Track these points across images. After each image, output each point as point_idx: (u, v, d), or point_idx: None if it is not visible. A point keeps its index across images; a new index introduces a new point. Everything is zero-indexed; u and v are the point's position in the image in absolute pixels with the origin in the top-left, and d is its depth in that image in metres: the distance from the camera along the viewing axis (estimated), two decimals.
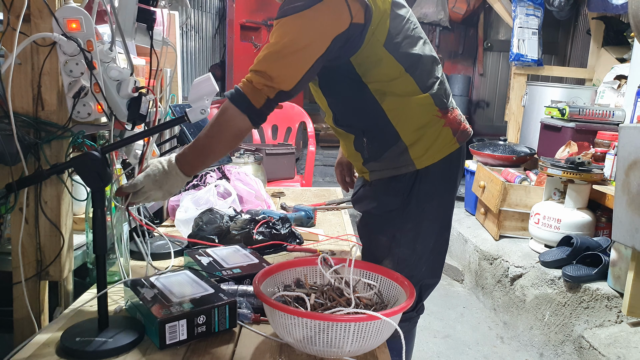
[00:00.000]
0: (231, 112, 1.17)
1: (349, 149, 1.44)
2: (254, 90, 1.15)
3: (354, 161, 1.46)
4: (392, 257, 1.42)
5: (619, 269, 2.17)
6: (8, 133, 1.02)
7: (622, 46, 3.57)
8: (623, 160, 1.95)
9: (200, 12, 4.72)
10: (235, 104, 1.16)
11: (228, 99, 1.17)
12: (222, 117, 1.17)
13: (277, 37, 1.16)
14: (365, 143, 1.37)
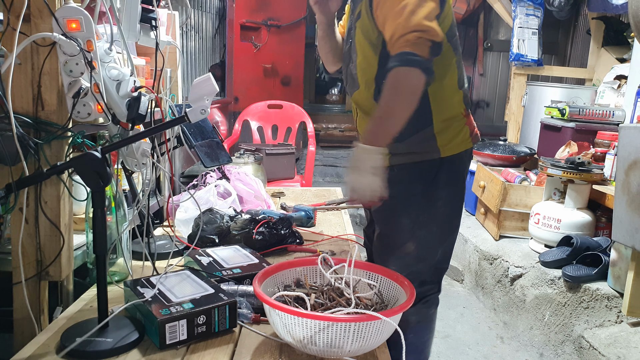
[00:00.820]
0: (402, 72, 1.25)
1: None
2: (414, 45, 1.24)
3: None
4: (414, 240, 1.50)
5: (619, 269, 2.17)
6: (8, 133, 1.02)
7: (622, 46, 3.57)
8: (623, 160, 1.95)
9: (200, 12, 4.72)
10: (403, 64, 1.24)
11: (396, 66, 1.25)
12: (395, 81, 1.26)
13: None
14: None
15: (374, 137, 1.31)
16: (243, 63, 5.19)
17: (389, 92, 1.29)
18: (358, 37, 1.45)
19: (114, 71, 1.08)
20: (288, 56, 5.52)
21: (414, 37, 1.25)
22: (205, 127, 1.57)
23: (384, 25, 1.33)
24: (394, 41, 1.27)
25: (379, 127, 1.31)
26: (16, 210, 1.10)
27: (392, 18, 1.28)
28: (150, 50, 1.33)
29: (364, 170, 1.29)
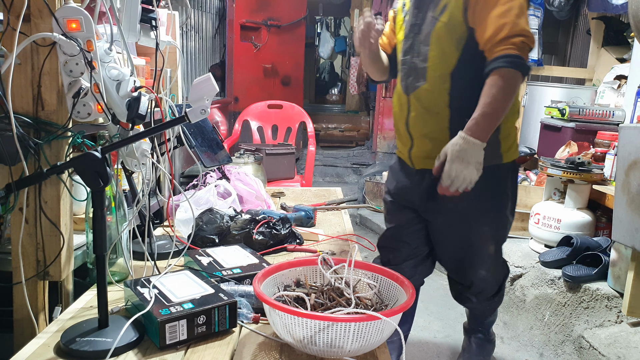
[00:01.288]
0: (511, 74, 1.37)
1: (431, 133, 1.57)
2: (520, 49, 1.37)
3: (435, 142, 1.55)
4: (495, 242, 1.67)
5: (619, 269, 2.17)
6: (8, 133, 1.02)
7: (622, 46, 3.57)
8: (623, 160, 1.95)
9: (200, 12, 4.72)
10: (512, 67, 1.37)
11: (505, 66, 1.37)
12: (504, 82, 1.38)
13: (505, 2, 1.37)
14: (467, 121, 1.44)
15: (482, 131, 1.39)
16: (243, 63, 5.19)
17: (498, 91, 1.38)
18: (438, 31, 1.50)
19: (114, 71, 1.08)
20: (288, 56, 5.52)
21: (520, 41, 1.36)
22: (205, 127, 1.57)
23: (481, 22, 1.41)
24: (498, 40, 1.37)
25: (487, 123, 1.40)
26: (16, 210, 1.10)
27: (497, 17, 1.37)
28: (150, 50, 1.33)
29: (469, 162, 1.38)
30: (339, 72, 9.29)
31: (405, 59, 1.61)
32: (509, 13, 1.37)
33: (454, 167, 1.39)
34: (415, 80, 1.56)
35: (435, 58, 1.51)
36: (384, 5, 5.17)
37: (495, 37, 1.39)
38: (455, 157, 1.39)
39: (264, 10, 5.25)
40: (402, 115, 1.64)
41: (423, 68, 1.54)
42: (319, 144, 6.14)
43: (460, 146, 1.39)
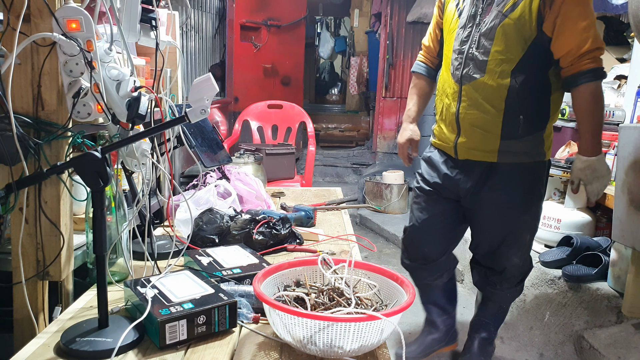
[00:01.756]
0: (599, 88, 1.56)
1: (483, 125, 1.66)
2: (600, 61, 1.54)
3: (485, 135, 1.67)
4: (531, 231, 1.84)
5: (619, 269, 2.16)
6: (8, 133, 1.02)
7: (622, 46, 3.57)
8: (623, 160, 1.95)
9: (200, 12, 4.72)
10: (595, 79, 1.54)
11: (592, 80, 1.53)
12: (594, 95, 1.55)
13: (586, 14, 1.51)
14: (522, 121, 1.62)
15: (599, 147, 1.60)
16: (243, 63, 5.19)
17: (597, 106, 1.56)
18: (506, 28, 1.57)
19: (114, 71, 1.08)
20: (288, 56, 5.52)
21: (599, 55, 1.53)
22: (205, 127, 1.57)
23: (562, 33, 1.53)
24: (582, 53, 1.51)
25: (597, 138, 1.59)
26: (16, 210, 1.10)
27: (578, 32, 1.50)
28: (150, 50, 1.33)
29: (603, 175, 1.59)
30: (339, 72, 9.29)
31: (461, 48, 1.68)
32: (591, 27, 1.51)
33: (595, 186, 1.61)
34: (473, 72, 1.64)
35: (499, 54, 1.59)
36: (384, 6, 5.17)
37: (579, 50, 1.52)
38: (593, 179, 1.60)
39: (264, 10, 5.25)
40: (452, 103, 1.72)
41: (483, 61, 1.61)
42: (319, 144, 6.14)
43: (591, 168, 1.59)
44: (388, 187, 4.35)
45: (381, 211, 4.37)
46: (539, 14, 1.53)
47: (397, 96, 5.25)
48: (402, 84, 5.20)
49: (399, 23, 5.09)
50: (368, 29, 6.25)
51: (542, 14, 1.52)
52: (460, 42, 1.68)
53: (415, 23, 5.01)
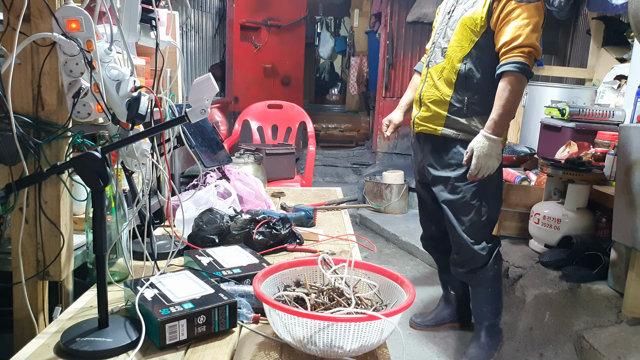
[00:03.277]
0: (519, 78, 1.75)
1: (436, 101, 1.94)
2: (528, 57, 1.74)
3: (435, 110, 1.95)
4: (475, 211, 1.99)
5: (619, 269, 2.16)
6: (8, 133, 1.02)
7: (622, 46, 3.57)
8: (623, 160, 1.95)
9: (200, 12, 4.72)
10: (522, 72, 1.73)
11: (516, 71, 1.73)
12: (511, 83, 1.75)
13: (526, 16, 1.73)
14: (467, 102, 1.88)
15: (499, 128, 1.78)
16: (243, 63, 5.19)
17: (510, 94, 1.76)
18: (464, 19, 1.85)
19: (114, 71, 1.08)
20: (288, 56, 5.52)
21: (528, 51, 1.73)
22: (205, 127, 1.57)
23: (501, 29, 1.77)
24: (513, 46, 1.74)
25: (503, 121, 1.78)
26: (16, 210, 1.10)
27: (516, 27, 1.73)
28: (150, 50, 1.33)
29: (491, 155, 1.79)
30: (339, 72, 9.29)
31: (435, 37, 2.01)
32: (527, 27, 1.72)
33: (480, 161, 1.79)
34: (436, 57, 1.95)
35: (455, 42, 1.88)
36: (384, 6, 5.17)
37: (510, 44, 1.75)
38: (480, 153, 1.78)
39: (264, 10, 5.25)
40: (420, 85, 2.04)
41: (444, 48, 1.92)
42: (319, 144, 6.14)
43: (483, 143, 1.78)
44: (388, 187, 4.35)
45: (381, 211, 4.37)
46: (489, 10, 1.79)
47: (397, 96, 5.24)
48: (402, 84, 5.20)
49: (399, 23, 5.09)
50: (368, 29, 6.25)
51: (492, 10, 1.78)
52: (436, 33, 2.01)
53: (415, 23, 5.01)
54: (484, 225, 2.01)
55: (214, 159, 1.55)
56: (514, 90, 1.75)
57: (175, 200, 1.69)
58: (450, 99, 1.90)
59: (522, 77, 1.75)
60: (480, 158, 1.79)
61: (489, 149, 1.78)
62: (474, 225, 1.99)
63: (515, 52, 1.74)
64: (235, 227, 1.45)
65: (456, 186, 1.96)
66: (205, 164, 1.47)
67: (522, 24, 1.73)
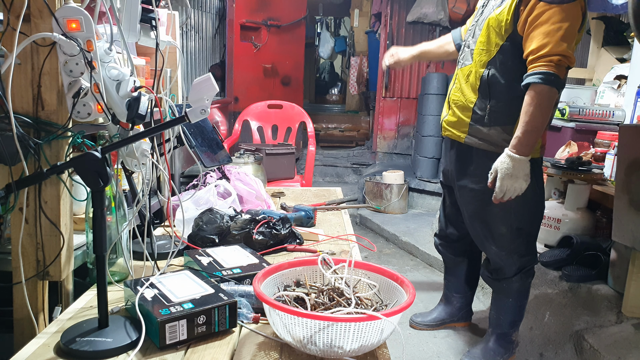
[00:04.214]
0: (546, 91, 1.56)
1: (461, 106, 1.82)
2: (557, 67, 1.55)
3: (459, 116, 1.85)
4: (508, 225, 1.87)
5: (619, 269, 2.16)
6: (8, 133, 1.02)
7: (622, 46, 3.57)
8: (623, 160, 1.95)
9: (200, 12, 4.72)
10: (548, 84, 1.55)
11: (542, 83, 1.55)
12: (538, 97, 1.57)
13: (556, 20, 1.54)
14: (489, 110, 1.74)
15: (525, 147, 1.61)
16: (243, 63, 5.19)
17: (535, 109, 1.58)
18: (491, 22, 1.71)
19: (114, 71, 1.08)
20: (288, 56, 5.52)
21: (557, 60, 1.55)
22: (205, 127, 1.57)
23: (529, 33, 1.59)
24: (539, 55, 1.56)
25: (529, 139, 1.61)
26: (16, 210, 1.10)
27: (544, 34, 1.55)
28: (150, 50, 1.33)
29: (517, 176, 1.63)
30: (339, 72, 9.29)
31: (466, 37, 1.90)
32: (556, 33, 1.54)
33: (504, 183, 1.65)
34: (465, 58, 1.83)
35: (481, 44, 1.75)
36: (384, 6, 5.17)
37: (537, 52, 1.57)
38: (505, 175, 1.64)
39: (264, 10, 5.25)
40: (450, 85, 1.93)
41: (472, 50, 1.79)
42: (319, 144, 6.14)
43: (507, 164, 1.63)
44: (388, 187, 4.35)
45: (381, 211, 4.37)
46: (516, 12, 1.63)
47: (397, 96, 5.25)
48: (402, 84, 5.20)
49: (399, 23, 5.09)
50: (368, 29, 6.25)
51: (519, 12, 1.63)
52: (468, 32, 1.89)
53: (415, 23, 5.01)
54: (516, 237, 1.88)
55: (214, 159, 1.55)
56: (540, 104, 1.58)
57: (175, 200, 1.69)
58: (473, 105, 1.78)
59: (549, 90, 1.57)
60: (504, 180, 1.64)
61: (514, 170, 1.63)
62: (504, 237, 1.88)
63: (543, 62, 1.56)
64: (235, 227, 1.45)
65: (483, 199, 1.83)
66: (205, 164, 1.47)
67: (552, 30, 1.54)
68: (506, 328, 2.07)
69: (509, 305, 2.02)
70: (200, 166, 1.44)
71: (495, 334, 2.09)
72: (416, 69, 5.10)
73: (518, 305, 2.03)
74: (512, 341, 2.11)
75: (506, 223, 1.85)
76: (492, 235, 1.90)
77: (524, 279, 1.97)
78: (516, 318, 2.06)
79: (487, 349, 2.10)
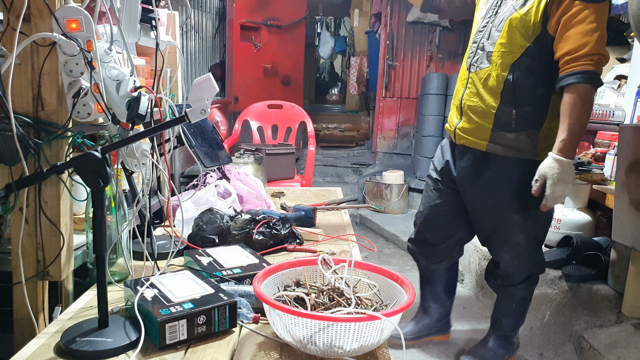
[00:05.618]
0: (589, 91, 1.52)
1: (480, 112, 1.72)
2: (597, 65, 1.51)
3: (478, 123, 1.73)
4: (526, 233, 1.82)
5: (619, 269, 2.16)
6: (8, 133, 1.02)
7: (622, 46, 3.56)
8: (623, 160, 1.95)
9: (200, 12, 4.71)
10: (591, 83, 1.52)
11: (586, 82, 1.51)
12: (581, 97, 1.52)
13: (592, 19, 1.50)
14: (514, 115, 1.66)
15: (571, 150, 1.55)
16: (243, 63, 5.19)
17: (581, 110, 1.53)
18: (513, 21, 1.62)
19: (114, 71, 1.08)
20: (288, 56, 5.52)
21: (597, 59, 1.51)
22: (205, 127, 1.57)
23: (563, 34, 1.54)
24: (579, 55, 1.51)
25: (575, 141, 1.55)
26: (16, 210, 1.10)
27: (582, 33, 1.51)
28: (150, 50, 1.33)
29: (568, 181, 1.56)
30: (339, 72, 9.29)
31: (476, 37, 1.76)
32: (594, 33, 1.50)
33: (557, 189, 1.56)
34: (480, 61, 1.72)
35: (502, 46, 1.65)
36: (384, 6, 5.17)
37: (576, 53, 1.52)
38: (557, 180, 1.55)
39: (264, 10, 5.25)
40: (460, 89, 1.81)
41: (489, 52, 1.69)
42: (319, 144, 6.14)
43: (558, 169, 1.55)
44: (388, 187, 4.35)
45: (381, 211, 4.37)
46: (545, 12, 1.56)
47: (397, 96, 5.25)
48: (402, 84, 5.20)
49: (399, 23, 5.09)
50: (368, 29, 6.25)
51: (549, 12, 1.56)
52: (477, 31, 1.77)
53: (415, 23, 5.01)
54: (530, 246, 1.85)
55: (214, 159, 1.55)
56: (585, 104, 1.52)
57: (175, 200, 1.69)
58: (496, 111, 1.68)
59: (592, 89, 1.53)
60: (557, 186, 1.55)
61: (564, 175, 1.55)
62: (520, 246, 1.83)
63: (583, 62, 1.51)
64: (235, 227, 1.45)
65: (508, 207, 1.76)
66: (205, 164, 1.47)
67: (589, 29, 1.49)
68: (508, 331, 2.06)
69: (512, 310, 2.01)
70: (200, 166, 1.44)
71: (495, 335, 2.09)
72: (416, 69, 5.10)
73: (521, 310, 2.01)
74: (512, 343, 2.10)
75: (524, 231, 1.80)
76: (508, 243, 1.84)
77: (529, 286, 1.95)
78: (518, 322, 2.05)
79: (487, 350, 2.09)
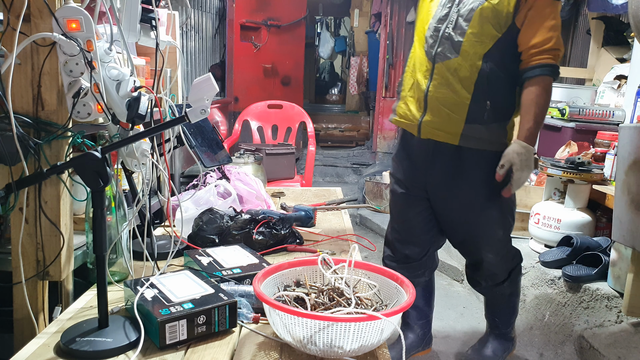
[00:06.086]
0: (549, 82, 1.61)
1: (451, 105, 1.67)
2: (557, 59, 1.61)
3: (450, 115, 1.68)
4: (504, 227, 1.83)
5: (619, 269, 2.17)
6: (8, 133, 1.02)
7: (622, 46, 3.57)
8: (623, 160, 1.95)
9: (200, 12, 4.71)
10: (551, 75, 1.60)
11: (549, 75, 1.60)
12: (546, 89, 1.61)
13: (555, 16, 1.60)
14: (488, 106, 1.65)
15: (534, 139, 1.62)
16: (243, 63, 5.19)
17: (545, 101, 1.61)
18: (484, 11, 1.61)
19: (114, 71, 1.08)
20: (288, 56, 5.53)
21: (557, 53, 1.61)
22: (205, 127, 1.57)
23: (530, 27, 1.59)
24: (545, 48, 1.58)
25: (538, 130, 1.62)
26: (16, 210, 1.10)
27: (548, 28, 1.58)
28: (150, 50, 1.33)
29: (531, 167, 1.62)
30: (339, 72, 9.29)
31: (438, 26, 1.69)
32: (556, 29, 1.60)
33: (524, 174, 1.60)
34: (447, 51, 1.66)
35: (473, 36, 1.62)
36: (384, 6, 5.17)
37: (542, 46, 1.58)
38: (525, 165, 1.59)
39: (264, 10, 5.25)
40: (423, 80, 1.72)
41: (458, 42, 1.64)
42: (319, 144, 6.14)
43: (525, 155, 1.59)
44: (388, 187, 4.35)
45: (381, 211, 4.36)
46: (517, 4, 1.58)
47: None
48: None
49: (399, 23, 5.09)
50: (368, 29, 6.25)
51: (519, 3, 1.58)
52: (438, 20, 1.69)
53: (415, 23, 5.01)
54: (508, 239, 1.84)
55: (214, 159, 1.55)
56: (547, 95, 1.61)
57: (175, 200, 1.69)
58: (469, 102, 1.64)
59: (551, 81, 1.62)
60: (523, 172, 1.59)
61: (528, 162, 1.60)
62: (500, 242, 1.81)
63: (548, 55, 1.58)
64: (235, 227, 1.45)
65: (484, 204, 1.72)
66: (205, 164, 1.47)
67: (554, 25, 1.58)
68: (504, 328, 2.05)
69: (504, 307, 2.00)
70: (200, 166, 1.44)
71: (493, 334, 2.09)
72: None
73: (512, 305, 2.00)
74: (510, 339, 2.09)
75: (503, 226, 1.79)
76: (489, 241, 1.80)
77: (514, 280, 1.92)
78: (512, 317, 2.04)
79: (487, 349, 2.09)
